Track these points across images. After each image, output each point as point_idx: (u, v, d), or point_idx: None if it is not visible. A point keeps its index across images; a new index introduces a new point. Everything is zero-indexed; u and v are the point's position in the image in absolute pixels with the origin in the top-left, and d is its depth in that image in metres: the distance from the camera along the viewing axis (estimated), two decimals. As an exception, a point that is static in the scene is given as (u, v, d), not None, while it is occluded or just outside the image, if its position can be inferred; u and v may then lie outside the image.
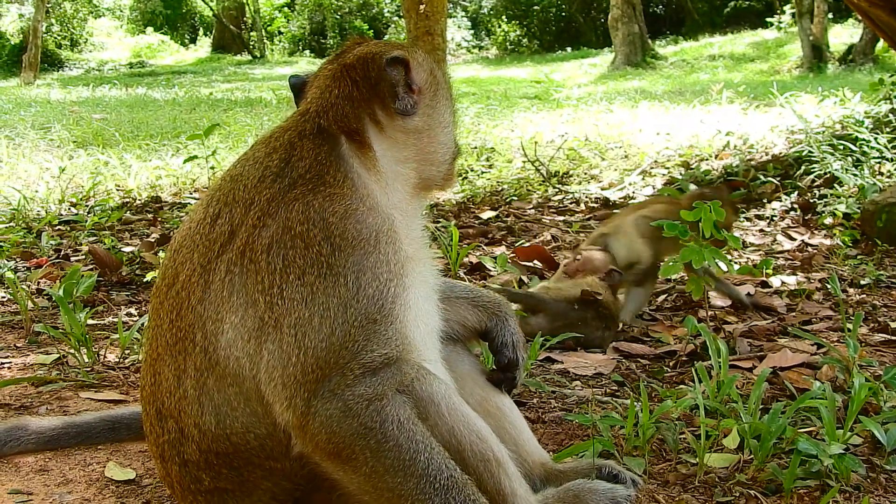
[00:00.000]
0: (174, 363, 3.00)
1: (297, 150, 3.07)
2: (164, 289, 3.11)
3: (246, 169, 3.13)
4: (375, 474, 2.84)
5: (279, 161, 3.06)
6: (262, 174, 3.05)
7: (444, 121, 3.30)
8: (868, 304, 6.04)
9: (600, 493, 3.30)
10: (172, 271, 3.10)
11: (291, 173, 3.01)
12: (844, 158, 9.49)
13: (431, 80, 3.26)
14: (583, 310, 5.47)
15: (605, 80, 31.43)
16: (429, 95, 3.24)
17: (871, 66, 27.40)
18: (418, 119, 3.20)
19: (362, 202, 2.96)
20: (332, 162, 3.03)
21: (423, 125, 3.21)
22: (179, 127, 17.46)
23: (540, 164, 11.26)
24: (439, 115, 3.28)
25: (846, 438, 3.76)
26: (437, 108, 3.27)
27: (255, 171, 3.08)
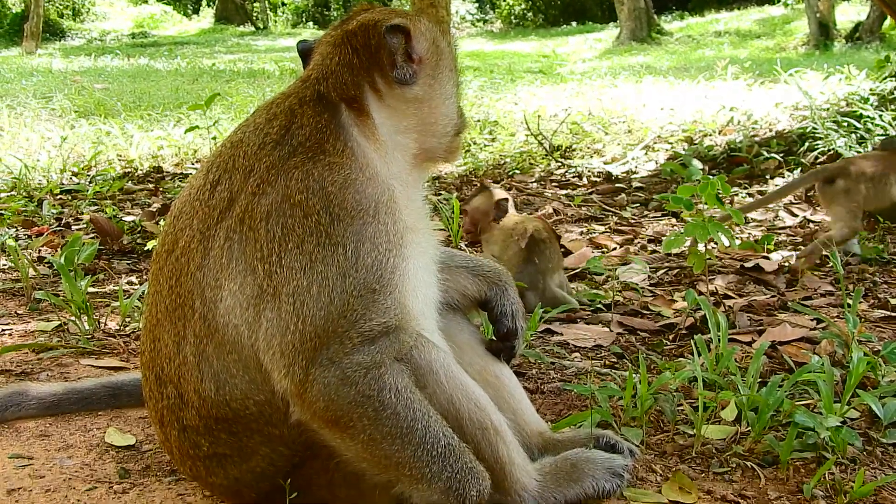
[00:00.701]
0: (173, 329, 3.02)
1: (297, 118, 3.06)
2: (163, 255, 3.12)
3: (246, 135, 3.12)
4: (373, 442, 2.85)
5: (279, 128, 3.06)
6: (262, 141, 3.04)
7: (447, 92, 3.26)
8: (868, 280, 6.05)
9: (598, 462, 3.32)
10: (172, 237, 3.10)
11: (291, 141, 3.00)
12: (848, 135, 9.46)
13: (434, 50, 3.21)
14: (533, 258, 5.50)
15: (610, 55, 31.29)
16: (430, 65, 3.20)
17: (877, 44, 27.26)
18: (418, 89, 3.17)
19: (362, 172, 2.96)
20: (331, 130, 3.02)
21: (423, 95, 3.18)
22: (181, 97, 17.44)
23: (543, 138, 11.24)
24: (441, 86, 3.24)
25: (843, 412, 3.77)
26: (440, 78, 3.23)
27: (256, 137, 3.08)
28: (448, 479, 2.87)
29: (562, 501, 3.22)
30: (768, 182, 9.08)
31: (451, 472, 2.88)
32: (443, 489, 2.88)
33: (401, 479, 2.91)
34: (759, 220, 7.88)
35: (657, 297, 5.75)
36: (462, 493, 2.89)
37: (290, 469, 3.03)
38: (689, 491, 3.33)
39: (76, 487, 3.36)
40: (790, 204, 8.37)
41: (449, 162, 3.45)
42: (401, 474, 2.90)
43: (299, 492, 3.02)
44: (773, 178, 9.16)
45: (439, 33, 3.26)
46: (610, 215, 8.19)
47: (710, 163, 9.89)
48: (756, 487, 3.40)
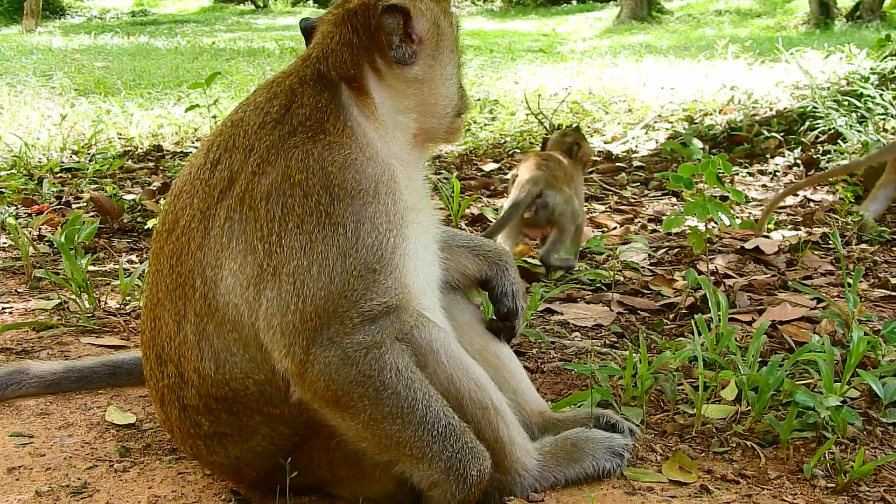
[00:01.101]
0: (174, 308, 3.02)
1: (298, 97, 3.05)
2: (164, 234, 3.12)
3: (247, 114, 3.11)
4: (374, 421, 2.86)
5: (279, 107, 3.05)
6: (262, 120, 3.03)
7: (447, 73, 3.23)
8: (869, 259, 6.04)
9: (598, 441, 3.33)
10: (173, 216, 3.10)
11: (291, 120, 2.99)
12: (849, 114, 9.43)
13: (434, 31, 3.17)
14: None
15: (610, 33, 31.18)
16: (430, 46, 3.16)
17: (878, 23, 27.17)
18: (418, 69, 3.14)
19: (362, 151, 2.95)
20: (332, 110, 3.01)
21: (423, 75, 3.15)
22: (181, 76, 17.39)
23: (543, 117, 11.21)
24: (441, 67, 3.20)
25: (843, 391, 3.77)
26: (440, 59, 3.20)
27: (256, 116, 3.06)
28: (449, 459, 2.88)
29: (562, 481, 3.23)
30: (768, 161, 9.06)
31: (451, 452, 2.88)
32: (443, 469, 2.89)
33: (401, 459, 2.92)
34: (760, 200, 7.87)
35: (657, 276, 5.75)
36: (463, 473, 2.89)
37: (291, 448, 3.04)
38: (689, 470, 3.34)
39: (77, 466, 3.37)
40: (790, 183, 8.35)
41: (449, 142, 3.44)
42: (401, 454, 2.90)
43: (300, 471, 3.02)
44: (773, 158, 9.14)
45: (441, 13, 3.21)
46: (610, 194, 8.18)
47: (710, 142, 9.87)
48: (756, 467, 3.41)
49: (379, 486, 3.06)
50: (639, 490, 3.23)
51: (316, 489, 3.18)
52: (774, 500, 3.18)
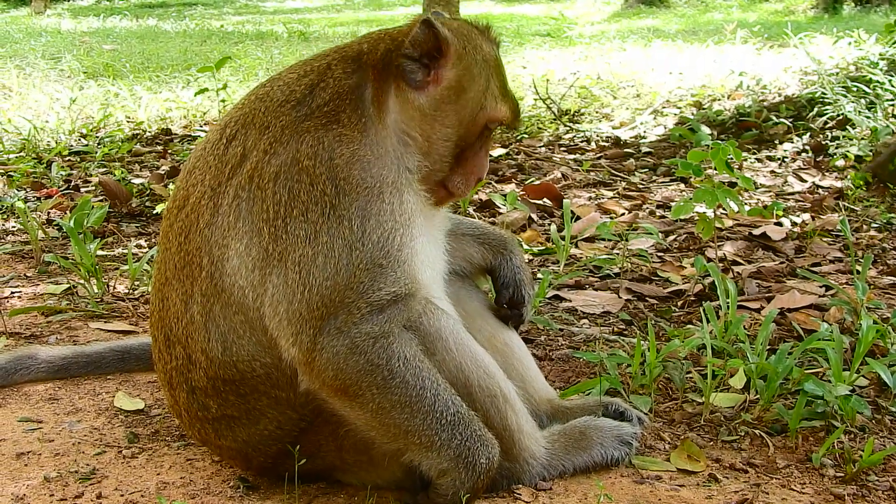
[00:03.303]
0: (181, 287, 3.03)
1: (326, 78, 3.06)
2: (174, 210, 3.14)
3: (273, 89, 3.12)
4: (382, 410, 2.87)
5: (305, 86, 3.06)
6: (286, 97, 3.05)
7: (446, 126, 3.11)
8: (878, 246, 6.02)
9: (606, 430, 3.33)
10: (184, 192, 3.12)
11: (311, 102, 3.00)
12: (858, 100, 9.37)
13: (456, 84, 3.08)
14: None
15: (619, 17, 31.02)
16: (445, 91, 3.08)
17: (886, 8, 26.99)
18: (424, 100, 3.07)
19: (370, 149, 2.95)
20: (352, 100, 3.01)
21: (427, 111, 3.07)
22: (190, 59, 17.33)
23: (551, 102, 11.17)
24: (443, 118, 3.10)
25: (852, 380, 3.77)
26: (445, 110, 3.10)
27: (281, 93, 3.08)
28: (457, 447, 2.89)
29: (570, 469, 3.24)
30: (777, 147, 9.02)
31: (460, 440, 2.89)
32: (452, 457, 2.89)
33: (410, 448, 2.93)
34: (769, 186, 7.84)
35: (666, 263, 5.73)
36: (471, 461, 2.90)
37: (298, 434, 3.05)
38: (697, 459, 3.34)
39: (85, 451, 3.38)
40: (799, 169, 8.32)
41: (453, 193, 3.26)
42: (410, 442, 2.91)
43: (308, 457, 3.03)
44: (781, 144, 9.10)
45: (477, 80, 3.12)
46: (618, 180, 8.15)
47: (718, 128, 9.82)
48: (765, 455, 3.41)
49: (387, 473, 3.07)
50: (647, 479, 3.23)
51: (324, 476, 3.18)
52: (783, 490, 3.18)
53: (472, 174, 3.21)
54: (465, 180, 3.20)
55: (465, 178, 3.20)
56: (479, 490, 2.97)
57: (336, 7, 40.01)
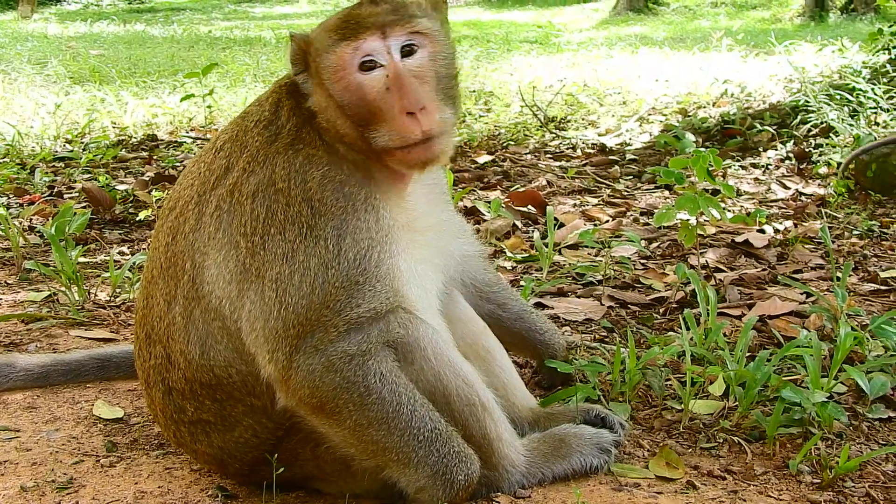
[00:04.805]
0: (166, 287, 3.06)
1: (284, 99, 3.09)
2: (167, 211, 3.18)
3: (253, 107, 3.17)
4: (359, 427, 2.88)
5: (271, 105, 3.11)
6: (259, 117, 3.09)
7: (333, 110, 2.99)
8: (859, 253, 6.05)
9: (586, 438, 3.34)
10: (177, 195, 3.16)
11: (278, 121, 3.05)
12: (841, 108, 9.42)
13: (318, 70, 3.00)
14: None
15: (607, 25, 31.09)
16: (319, 82, 3.01)
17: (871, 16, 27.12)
18: (316, 100, 3.02)
19: (339, 168, 2.95)
20: (305, 118, 3.03)
21: (328, 103, 2.99)
22: (177, 65, 17.33)
23: (538, 109, 11.19)
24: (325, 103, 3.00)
25: (830, 387, 3.78)
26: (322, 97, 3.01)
27: (257, 111, 3.13)
28: (435, 464, 2.90)
29: (549, 477, 3.25)
30: (761, 154, 9.06)
31: (437, 457, 2.90)
32: (430, 474, 2.90)
33: (388, 464, 2.94)
34: (752, 193, 7.87)
35: (649, 270, 5.75)
36: (450, 478, 2.91)
37: (275, 442, 3.06)
38: (675, 466, 3.35)
39: (63, 461, 3.37)
40: (783, 177, 8.36)
41: (413, 170, 3.07)
42: (388, 459, 2.92)
43: (286, 466, 3.04)
44: (765, 151, 9.13)
45: (338, 55, 2.95)
46: (603, 187, 8.17)
47: (703, 135, 9.85)
48: (742, 462, 3.42)
49: (366, 483, 3.08)
50: (625, 486, 3.24)
51: (302, 484, 3.19)
52: (760, 496, 3.19)
53: (398, 114, 2.90)
54: (394, 125, 2.91)
55: (393, 123, 2.91)
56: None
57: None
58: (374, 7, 2.96)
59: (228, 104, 11.89)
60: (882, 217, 6.98)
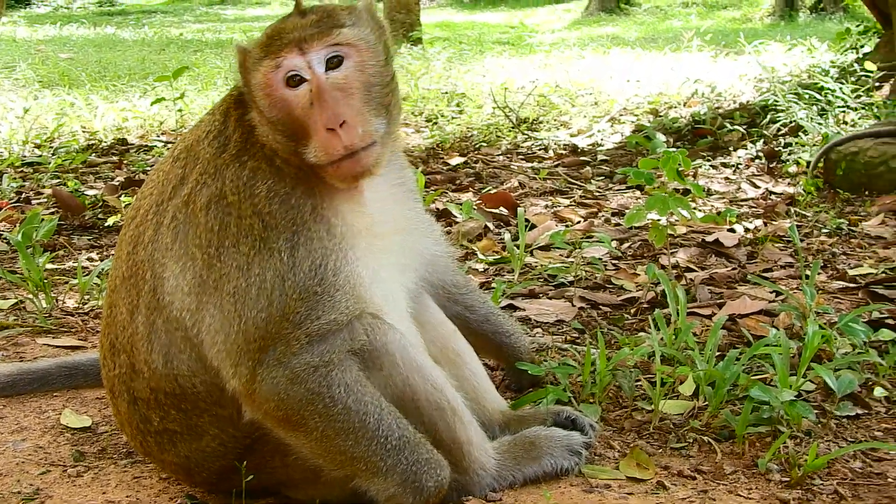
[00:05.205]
0: (128, 297, 3.05)
1: (231, 109, 3.07)
2: (129, 220, 3.17)
3: (207, 116, 3.16)
4: (326, 438, 2.87)
5: (220, 116, 3.08)
6: (210, 127, 3.07)
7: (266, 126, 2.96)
8: (828, 251, 6.08)
9: (556, 440, 3.34)
10: (138, 203, 3.15)
11: (226, 132, 3.02)
12: (809, 107, 9.49)
13: (251, 84, 2.96)
14: None
15: (579, 25, 31.20)
16: (254, 95, 2.97)
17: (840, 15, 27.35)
18: (255, 115, 2.98)
19: (283, 182, 2.92)
20: (250, 130, 2.99)
21: (261, 117, 2.96)
22: (148, 68, 17.24)
23: (510, 111, 11.20)
24: (259, 117, 2.98)
25: (799, 385, 3.80)
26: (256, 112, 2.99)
27: (209, 121, 3.11)
28: (404, 472, 2.89)
29: (520, 479, 3.25)
30: (731, 154, 9.10)
31: (406, 465, 2.89)
32: (399, 482, 2.90)
33: (357, 474, 2.93)
34: (723, 193, 7.91)
35: (620, 270, 5.76)
36: (419, 486, 2.91)
37: (243, 451, 3.05)
38: (646, 467, 3.36)
39: (29, 471, 3.34)
40: (753, 176, 8.40)
41: (345, 184, 3.00)
42: (356, 469, 2.91)
43: (254, 473, 3.03)
44: (736, 150, 9.18)
45: (262, 72, 2.91)
46: (575, 188, 8.19)
47: (674, 135, 9.90)
48: (712, 462, 3.43)
49: (336, 490, 3.06)
50: (596, 487, 3.24)
51: (272, 491, 3.18)
52: (730, 496, 3.20)
53: (320, 130, 2.86)
54: (318, 142, 2.87)
55: (317, 139, 2.87)
56: (430, 512, 2.96)
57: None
58: (299, 19, 2.92)
59: (200, 107, 11.82)
60: (850, 215, 7.03)
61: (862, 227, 6.67)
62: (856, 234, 6.54)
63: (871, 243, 6.33)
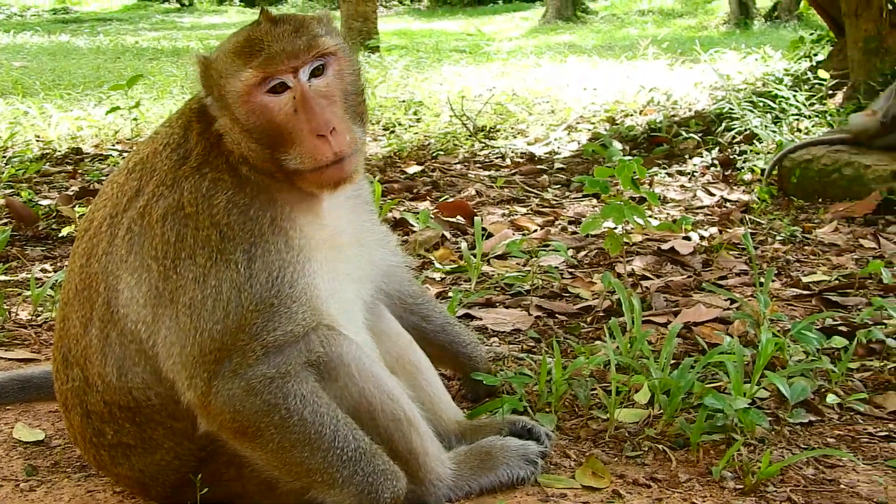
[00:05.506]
0: (81, 310, 3.03)
1: (194, 121, 3.05)
2: (82, 231, 3.14)
3: (163, 128, 3.13)
4: (282, 450, 2.86)
5: (180, 129, 3.06)
6: (169, 139, 3.05)
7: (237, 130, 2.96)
8: (782, 258, 6.15)
9: (512, 449, 3.36)
10: (91, 215, 3.12)
11: (187, 144, 3.00)
12: (764, 115, 9.61)
13: (217, 88, 2.97)
14: None
15: (536, 33, 31.35)
16: (220, 101, 2.97)
17: (795, 23, 27.70)
18: (228, 121, 2.96)
19: (244, 193, 2.92)
20: (213, 141, 2.98)
21: (234, 126, 2.95)
22: (103, 76, 17.11)
23: (467, 119, 11.23)
24: (230, 126, 2.96)
25: (753, 392, 3.84)
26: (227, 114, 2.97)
27: (167, 133, 3.09)
28: (360, 483, 2.89)
29: (476, 489, 3.26)
30: (687, 162, 9.19)
31: (362, 476, 2.89)
32: (355, 493, 2.90)
33: (313, 486, 2.93)
34: (678, 200, 7.98)
35: (576, 278, 5.79)
36: (375, 497, 2.91)
37: (198, 464, 3.03)
38: (601, 476, 3.38)
39: (-20, 486, 3.30)
40: (708, 184, 8.48)
41: (324, 191, 3.03)
42: (312, 480, 2.91)
43: (210, 486, 3.01)
44: (691, 158, 9.27)
45: (244, 80, 2.89)
46: (532, 196, 8.22)
47: (630, 143, 9.97)
48: (667, 470, 3.45)
49: (291, 500, 3.05)
50: (552, 496, 3.26)
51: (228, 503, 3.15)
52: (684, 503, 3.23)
53: (308, 137, 2.89)
54: (304, 148, 2.89)
55: (303, 145, 2.89)
56: (387, 523, 2.96)
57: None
58: (273, 27, 2.92)
59: (156, 116, 11.74)
60: (804, 222, 7.11)
61: (816, 234, 6.76)
62: (809, 241, 6.62)
63: (825, 250, 6.42)
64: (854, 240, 6.65)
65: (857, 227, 6.99)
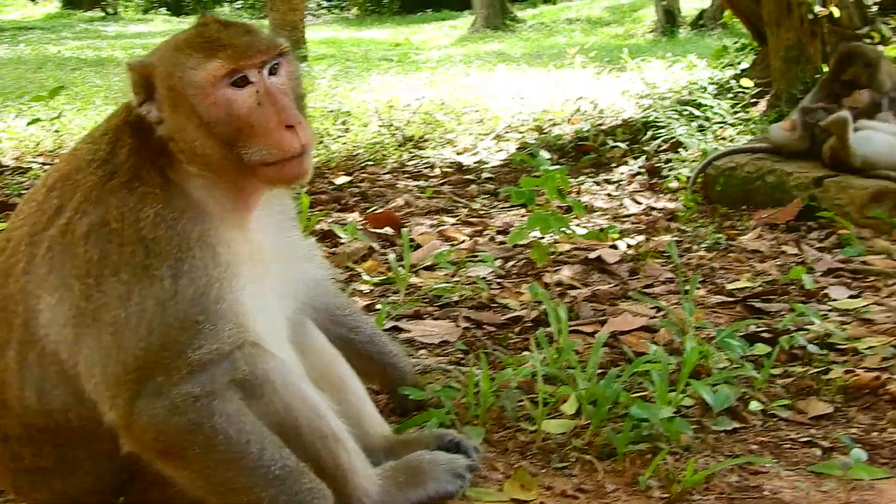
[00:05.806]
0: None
1: (122, 136, 2.98)
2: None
3: (85, 145, 3.06)
4: (207, 469, 2.82)
5: (107, 145, 2.99)
6: (93, 156, 2.98)
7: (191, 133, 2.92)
8: (706, 266, 6.23)
9: (440, 464, 3.34)
10: (7, 235, 3.04)
11: (115, 160, 2.93)
12: (689, 123, 9.76)
13: (169, 93, 2.92)
14: None
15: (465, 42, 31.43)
16: (168, 106, 2.94)
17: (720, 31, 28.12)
18: (173, 126, 2.92)
19: (173, 205, 2.87)
20: (146, 155, 2.93)
21: (180, 131, 2.91)
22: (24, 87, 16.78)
23: (395, 129, 11.23)
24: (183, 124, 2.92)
25: (678, 401, 3.88)
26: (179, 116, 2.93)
27: (91, 150, 3.02)
28: (287, 502, 2.85)
29: (405, 505, 3.23)
30: (614, 170, 9.28)
31: (289, 495, 2.86)
32: None
33: None
34: (605, 209, 8.05)
35: (504, 289, 5.80)
36: None
37: (120, 486, 2.98)
38: (529, 488, 3.38)
39: None
40: (635, 192, 8.57)
41: (280, 186, 3.10)
42: (238, 500, 2.86)
43: (134, 508, 2.96)
44: (618, 167, 9.37)
45: (206, 73, 2.87)
46: (460, 207, 8.23)
47: (558, 152, 10.06)
48: (594, 481, 3.46)
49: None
50: (480, 510, 3.25)
51: (154, 524, 3.10)
52: (611, 514, 3.24)
53: (275, 129, 2.89)
54: (271, 140, 2.89)
55: (270, 137, 2.89)
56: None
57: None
58: (227, 28, 2.94)
59: (78, 128, 11.54)
60: (729, 229, 7.22)
61: (740, 241, 6.87)
62: (734, 248, 6.72)
63: (749, 257, 6.52)
64: (777, 246, 6.76)
65: (780, 234, 7.12)
